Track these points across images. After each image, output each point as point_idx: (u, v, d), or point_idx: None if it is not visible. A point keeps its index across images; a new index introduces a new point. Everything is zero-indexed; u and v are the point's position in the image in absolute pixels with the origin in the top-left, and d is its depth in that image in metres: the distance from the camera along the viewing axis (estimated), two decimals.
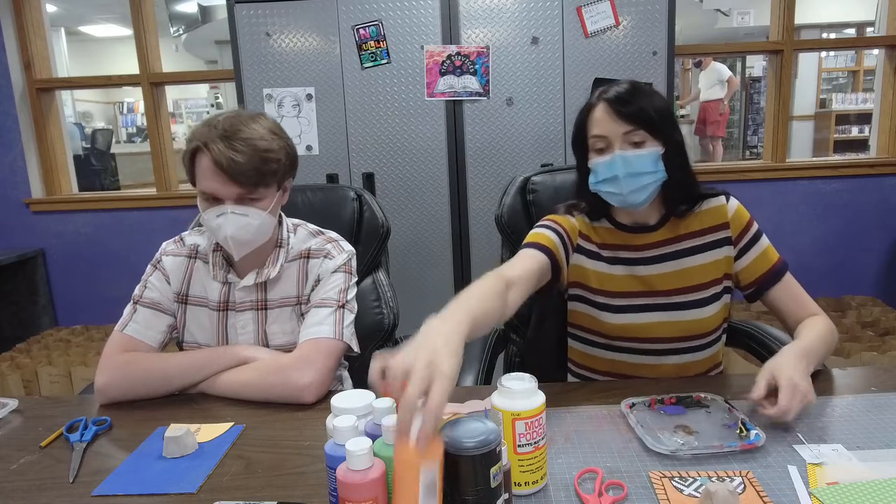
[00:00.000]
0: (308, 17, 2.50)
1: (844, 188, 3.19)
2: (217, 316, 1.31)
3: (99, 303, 3.39)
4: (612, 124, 1.15)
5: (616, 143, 1.16)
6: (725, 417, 1.02)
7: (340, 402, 0.84)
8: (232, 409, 1.16)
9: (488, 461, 0.70)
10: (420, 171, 2.60)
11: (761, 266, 1.25)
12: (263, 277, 1.29)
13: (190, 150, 1.20)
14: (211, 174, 1.18)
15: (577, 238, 1.30)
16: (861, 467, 0.87)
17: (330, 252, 1.32)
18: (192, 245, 1.35)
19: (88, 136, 7.00)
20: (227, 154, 1.15)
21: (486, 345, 1.53)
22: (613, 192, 1.18)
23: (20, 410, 1.19)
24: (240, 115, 1.21)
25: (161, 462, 0.98)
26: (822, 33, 7.67)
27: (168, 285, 1.32)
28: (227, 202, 1.19)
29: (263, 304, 1.31)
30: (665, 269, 1.26)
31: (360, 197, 1.62)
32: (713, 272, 1.26)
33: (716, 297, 1.26)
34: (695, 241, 1.26)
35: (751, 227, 1.27)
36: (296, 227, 1.37)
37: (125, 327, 1.27)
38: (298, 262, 1.32)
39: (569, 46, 2.49)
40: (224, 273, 1.30)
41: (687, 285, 1.25)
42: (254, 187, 1.20)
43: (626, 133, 1.15)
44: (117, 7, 6.62)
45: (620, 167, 1.15)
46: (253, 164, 1.17)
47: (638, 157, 1.15)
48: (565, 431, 1.01)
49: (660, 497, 0.82)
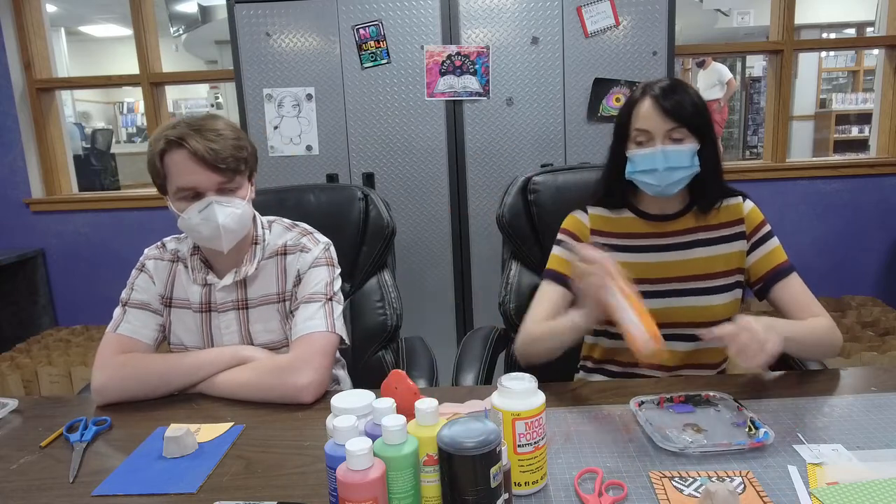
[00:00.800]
0: (308, 17, 2.50)
1: (844, 188, 3.19)
2: (200, 318, 1.32)
3: (99, 303, 3.38)
4: (657, 121, 1.21)
5: (658, 137, 1.21)
6: (734, 416, 1.03)
7: (340, 402, 0.84)
8: (232, 409, 1.16)
9: (488, 461, 0.70)
10: (420, 171, 2.60)
11: (768, 263, 1.30)
12: (242, 275, 1.29)
13: (159, 150, 1.19)
14: (190, 167, 1.18)
15: (588, 236, 1.35)
16: (861, 467, 0.87)
17: (305, 245, 1.32)
18: (173, 250, 1.36)
19: (88, 136, 7.00)
20: (203, 144, 1.16)
21: (486, 344, 1.53)
22: (651, 182, 1.24)
23: (20, 410, 1.19)
24: (196, 116, 1.23)
25: (161, 462, 0.98)
26: (822, 33, 7.67)
27: (154, 286, 1.32)
28: (208, 194, 1.20)
29: (244, 303, 1.31)
30: (681, 256, 1.31)
31: (366, 197, 1.62)
32: (726, 263, 1.31)
33: (727, 287, 1.30)
34: (711, 233, 1.32)
35: (763, 227, 1.32)
36: (270, 224, 1.37)
37: (118, 328, 1.28)
38: (276, 258, 1.33)
39: (569, 46, 2.49)
40: (203, 275, 1.30)
41: (700, 273, 1.30)
42: (233, 174, 1.21)
43: (670, 130, 1.21)
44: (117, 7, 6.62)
45: (661, 161, 1.21)
46: (229, 152, 1.19)
47: (678, 152, 1.21)
48: (565, 431, 1.01)
49: (660, 497, 0.82)
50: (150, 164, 1.23)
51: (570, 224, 1.37)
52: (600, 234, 1.34)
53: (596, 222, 1.36)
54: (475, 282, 2.64)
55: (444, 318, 2.66)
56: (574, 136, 2.55)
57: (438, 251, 2.65)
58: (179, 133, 1.17)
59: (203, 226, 1.21)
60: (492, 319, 1.97)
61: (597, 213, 1.36)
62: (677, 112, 1.20)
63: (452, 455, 0.71)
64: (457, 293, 2.65)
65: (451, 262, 2.65)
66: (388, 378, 0.89)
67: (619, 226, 1.34)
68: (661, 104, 1.20)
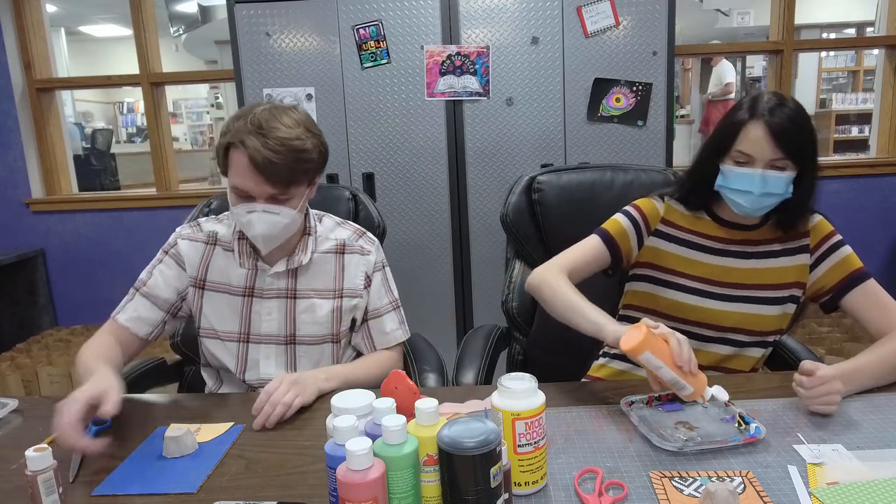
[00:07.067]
0: (308, 17, 2.50)
1: (844, 188, 3.19)
2: (241, 302, 1.31)
3: (99, 303, 3.38)
4: (766, 149, 1.15)
5: (760, 163, 1.16)
6: (722, 412, 1.03)
7: (340, 402, 0.84)
8: (232, 409, 1.16)
9: (488, 461, 0.70)
10: (420, 171, 2.60)
11: (840, 272, 1.25)
12: (295, 264, 1.29)
13: (224, 143, 1.19)
14: (245, 172, 1.16)
15: (657, 223, 1.33)
16: (861, 467, 0.87)
17: (364, 248, 1.35)
18: (210, 231, 1.34)
19: (88, 136, 7.00)
20: (263, 153, 1.14)
21: (487, 343, 1.53)
22: (741, 203, 1.19)
23: (20, 410, 1.20)
24: (275, 109, 1.20)
25: (161, 462, 0.98)
26: (822, 33, 7.66)
27: (183, 271, 1.31)
28: (258, 200, 1.19)
29: (293, 292, 1.31)
30: (745, 264, 1.28)
31: (355, 197, 1.62)
32: (784, 276, 1.28)
33: (782, 300, 1.28)
34: (777, 245, 1.29)
35: (832, 237, 1.28)
36: (320, 217, 1.38)
37: (118, 313, 1.29)
38: (335, 255, 1.33)
39: (569, 46, 2.49)
40: (252, 261, 1.30)
41: (759, 282, 1.28)
42: (286, 187, 1.19)
43: (775, 159, 1.15)
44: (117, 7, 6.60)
45: (759, 186, 1.16)
46: (288, 165, 1.16)
47: (776, 179, 1.16)
48: (565, 431, 1.00)
49: (660, 497, 0.82)
50: (217, 151, 1.23)
51: (644, 205, 1.34)
52: (671, 225, 1.33)
53: (670, 213, 1.34)
54: (475, 281, 2.64)
55: (444, 318, 2.66)
56: (574, 136, 2.55)
57: (438, 251, 2.65)
58: (245, 133, 1.15)
59: (246, 227, 1.22)
60: (492, 319, 1.97)
61: (673, 206, 1.34)
62: (788, 144, 1.13)
63: (452, 455, 0.71)
64: (457, 293, 2.65)
65: (451, 262, 2.65)
66: (388, 378, 0.89)
67: (692, 224, 1.32)
68: (773, 133, 1.13)
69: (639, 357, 0.99)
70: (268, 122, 1.16)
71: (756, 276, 1.28)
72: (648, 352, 0.98)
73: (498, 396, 0.84)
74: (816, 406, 1.01)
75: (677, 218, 1.33)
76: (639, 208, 1.34)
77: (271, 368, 1.31)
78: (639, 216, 1.33)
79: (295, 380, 1.13)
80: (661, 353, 0.99)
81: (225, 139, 1.19)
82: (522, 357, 1.64)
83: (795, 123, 1.14)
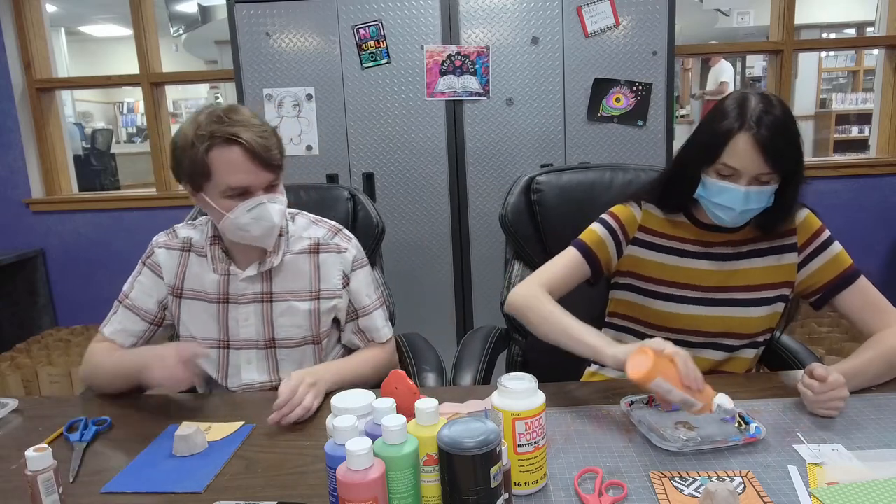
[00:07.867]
0: (308, 17, 2.50)
1: (844, 188, 3.19)
2: (216, 309, 1.29)
3: (99, 303, 3.37)
4: (753, 164, 1.10)
5: (745, 177, 1.12)
6: (721, 412, 1.03)
7: (340, 402, 0.84)
8: (243, 409, 1.16)
9: (488, 461, 0.70)
10: (420, 171, 2.60)
11: (830, 271, 1.23)
12: (267, 266, 1.27)
13: (206, 147, 1.12)
14: (241, 166, 1.13)
15: (635, 231, 1.30)
16: (861, 467, 0.87)
17: (340, 245, 1.32)
18: (185, 237, 1.32)
19: (88, 136, 7.00)
20: (258, 141, 1.12)
21: (485, 345, 1.53)
22: (722, 216, 1.16)
23: (20, 410, 1.19)
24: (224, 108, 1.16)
25: (170, 460, 0.98)
26: (822, 33, 7.67)
27: (161, 280, 1.30)
28: (257, 193, 1.17)
29: (269, 296, 1.28)
30: (728, 266, 1.25)
31: (353, 196, 1.62)
32: (771, 276, 1.25)
33: (767, 301, 1.25)
34: (761, 244, 1.25)
35: (820, 234, 1.25)
36: (293, 216, 1.35)
37: (104, 326, 1.30)
38: (309, 255, 1.30)
39: (569, 46, 2.49)
40: (225, 266, 1.27)
41: (744, 284, 1.25)
42: (279, 170, 1.19)
43: (762, 174, 1.11)
44: (117, 7, 6.60)
45: (741, 203, 1.12)
46: (278, 147, 1.17)
47: (759, 194, 1.13)
48: (565, 431, 1.01)
49: (660, 497, 0.82)
50: (190, 161, 1.14)
51: (621, 213, 1.31)
52: (649, 231, 1.29)
53: (647, 220, 1.30)
54: (475, 282, 2.64)
55: (443, 318, 2.66)
56: (574, 136, 2.55)
57: (438, 251, 2.65)
58: (229, 128, 1.11)
59: (253, 225, 1.18)
60: (492, 319, 1.97)
61: (650, 211, 1.30)
62: (776, 160, 1.09)
63: (452, 455, 0.71)
64: (457, 293, 2.65)
65: (451, 262, 2.64)
66: (388, 378, 0.89)
67: (671, 228, 1.29)
68: (762, 147, 1.08)
69: (649, 385, 0.95)
70: (237, 115, 1.14)
71: (740, 278, 1.25)
72: (659, 378, 0.94)
73: (498, 396, 0.84)
74: (821, 410, 1.01)
75: (655, 224, 1.30)
76: (616, 216, 1.31)
77: (253, 374, 1.30)
78: (616, 224, 1.30)
79: (313, 381, 1.12)
80: (670, 377, 0.95)
81: (204, 144, 1.12)
82: (522, 358, 1.63)
83: (783, 135, 1.09)
